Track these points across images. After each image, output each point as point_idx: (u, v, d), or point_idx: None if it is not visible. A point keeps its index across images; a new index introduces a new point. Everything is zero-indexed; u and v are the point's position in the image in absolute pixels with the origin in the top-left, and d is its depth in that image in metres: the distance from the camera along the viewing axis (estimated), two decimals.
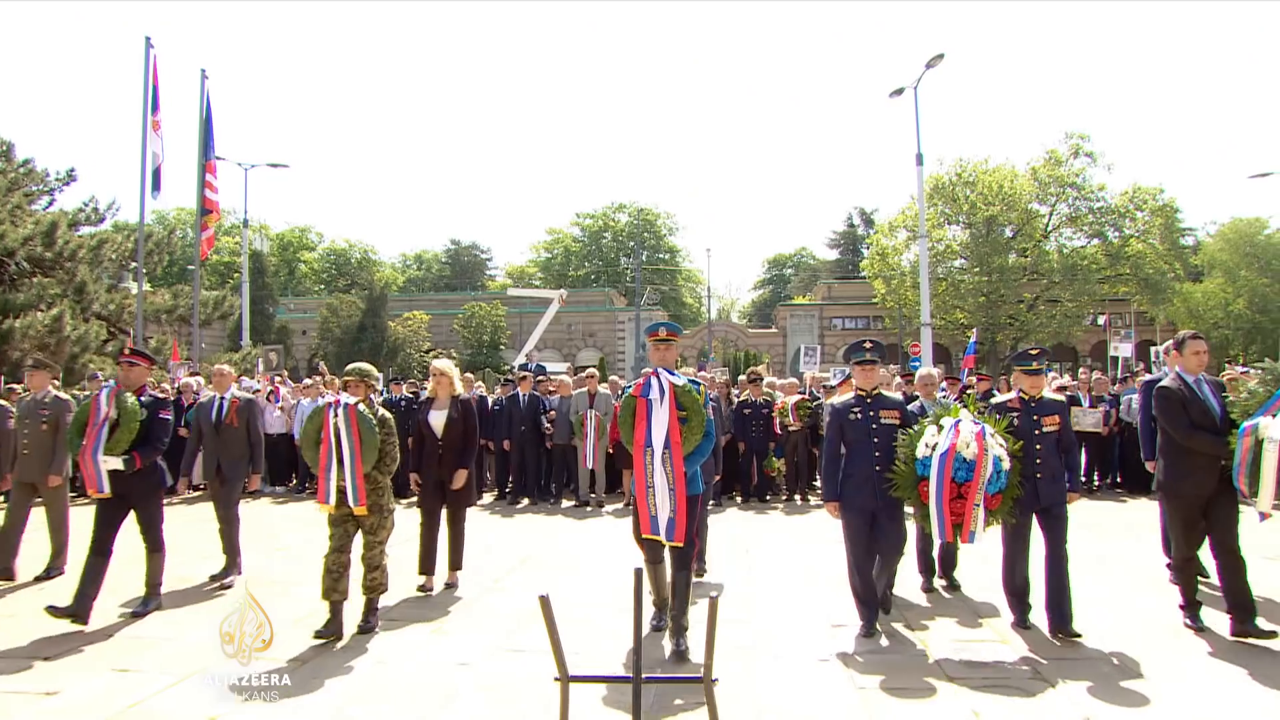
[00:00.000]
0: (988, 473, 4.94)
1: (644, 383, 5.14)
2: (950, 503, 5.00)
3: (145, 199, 13.61)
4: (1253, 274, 44.09)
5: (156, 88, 13.79)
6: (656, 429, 4.97)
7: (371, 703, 4.45)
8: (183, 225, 46.74)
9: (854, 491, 5.45)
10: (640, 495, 5.05)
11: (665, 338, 5.34)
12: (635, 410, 5.10)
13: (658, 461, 4.93)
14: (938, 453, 5.00)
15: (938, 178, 39.80)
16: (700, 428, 5.08)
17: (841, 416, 5.57)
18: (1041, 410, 5.56)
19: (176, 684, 4.68)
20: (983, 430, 5.04)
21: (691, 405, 5.06)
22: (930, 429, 5.19)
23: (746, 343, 52.79)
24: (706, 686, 2.00)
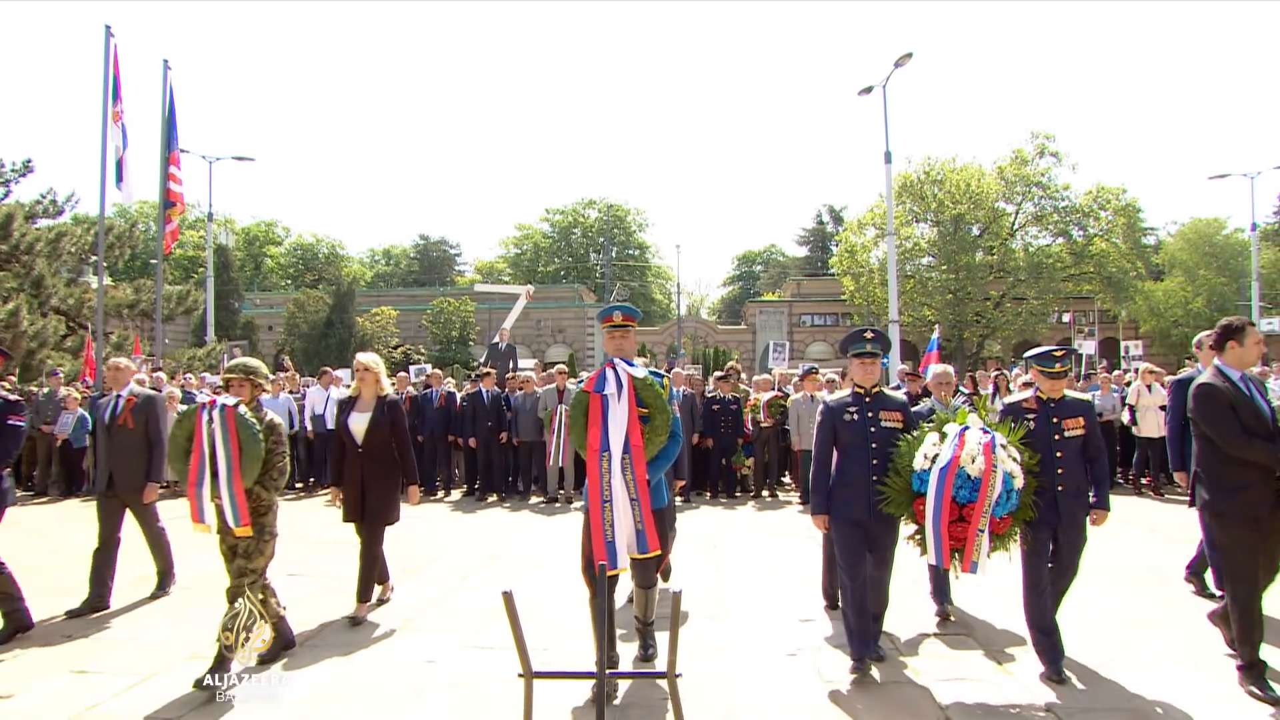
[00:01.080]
0: (995, 493, 4.29)
1: (598, 376, 4.50)
2: (949, 525, 4.36)
3: (106, 191, 13.31)
4: (1211, 273, 44.98)
5: (117, 78, 13.50)
6: (614, 430, 4.35)
7: (339, 700, 4.40)
8: (145, 218, 45.95)
9: (846, 503, 4.73)
10: (594, 513, 4.33)
11: (621, 323, 4.68)
12: (588, 408, 4.46)
13: (615, 469, 4.28)
14: (937, 466, 4.35)
15: (906, 176, 40.15)
16: (665, 427, 4.46)
17: (835, 416, 4.83)
18: (1063, 412, 4.80)
19: (137, 685, 4.61)
20: (992, 441, 4.37)
21: (655, 401, 4.44)
22: (931, 436, 4.50)
23: (716, 339, 52.91)
24: (670, 681, 1.99)
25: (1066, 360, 4.90)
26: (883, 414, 4.79)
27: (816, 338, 51.75)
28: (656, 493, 4.57)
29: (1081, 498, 4.76)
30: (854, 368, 4.90)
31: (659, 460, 4.56)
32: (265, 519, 4.90)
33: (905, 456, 4.55)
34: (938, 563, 4.44)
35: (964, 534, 4.35)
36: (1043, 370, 4.92)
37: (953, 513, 4.36)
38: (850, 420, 4.80)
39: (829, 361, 39.77)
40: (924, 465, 4.43)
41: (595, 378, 4.50)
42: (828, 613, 5.98)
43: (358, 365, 6.04)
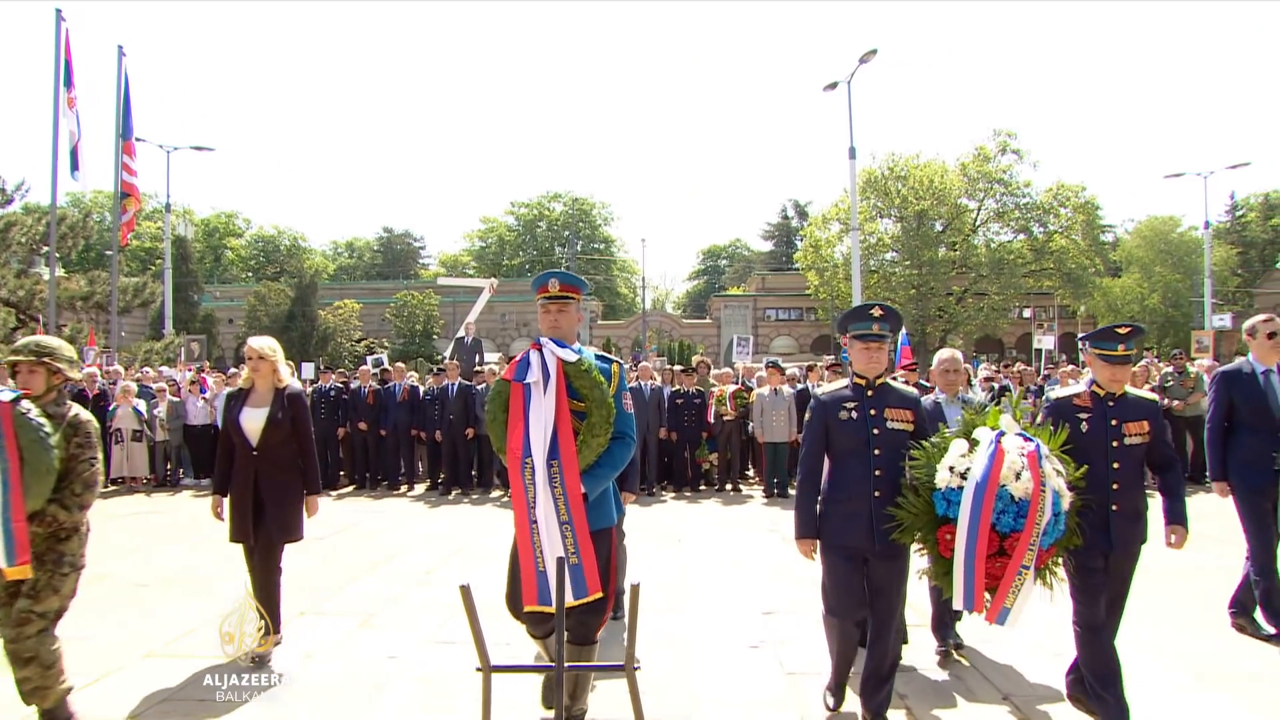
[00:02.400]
0: (1045, 519, 3.29)
1: (519, 360, 3.59)
2: (987, 560, 3.36)
3: (58, 179, 13.03)
4: (1166, 270, 45.95)
5: (70, 63, 13.18)
6: (536, 429, 3.43)
7: (299, 697, 4.35)
8: (99, 208, 44.98)
9: (842, 526, 3.76)
10: (521, 537, 3.46)
11: (559, 294, 3.74)
12: (508, 401, 3.55)
13: (540, 480, 3.39)
14: (972, 483, 3.34)
15: (870, 172, 40.55)
16: (607, 426, 3.54)
17: (828, 414, 3.85)
18: (1124, 413, 3.82)
19: (90, 685, 4.51)
20: (1037, 450, 3.37)
21: (593, 392, 3.53)
22: (958, 444, 3.50)
23: (681, 333, 53.03)
24: (629, 673, 1.99)
25: (1132, 342, 3.83)
26: (889, 412, 3.79)
27: (781, 332, 52.10)
28: (600, 507, 3.62)
29: (1138, 522, 3.83)
30: (855, 353, 3.89)
31: (599, 469, 3.56)
32: (65, 546, 3.78)
33: (925, 470, 3.54)
34: (966, 607, 3.42)
35: (1003, 571, 3.34)
36: (1101, 354, 3.84)
37: (992, 543, 3.34)
38: (848, 420, 3.80)
39: (793, 356, 40.11)
40: (952, 482, 3.41)
41: (516, 362, 3.59)
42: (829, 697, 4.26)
43: (249, 351, 5.05)
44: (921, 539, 3.55)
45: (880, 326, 3.83)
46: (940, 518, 3.47)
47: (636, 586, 1.90)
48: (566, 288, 3.78)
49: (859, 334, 3.87)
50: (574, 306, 3.83)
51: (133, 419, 12.08)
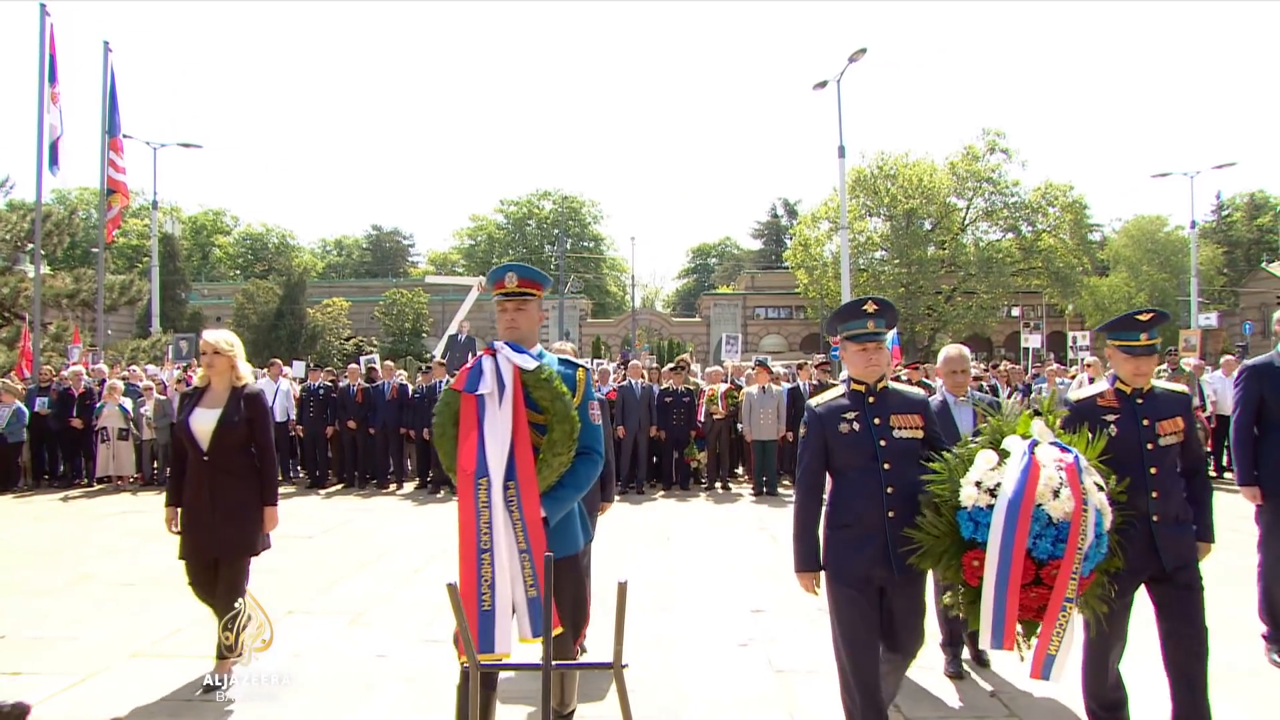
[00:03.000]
0: (1087, 541, 2.85)
1: (470, 368, 3.20)
2: (1021, 590, 2.89)
3: (43, 175, 12.94)
4: (1153, 269, 46.20)
5: (54, 58, 13.09)
6: (492, 445, 3.06)
7: (289, 696, 4.33)
8: (85, 205, 44.71)
9: (851, 553, 3.25)
10: (464, 570, 3.02)
11: (517, 290, 3.32)
12: (458, 414, 3.18)
13: (496, 502, 3.01)
14: (1004, 502, 2.87)
15: (859, 170, 40.66)
16: (570, 442, 3.15)
17: (825, 427, 3.36)
18: (1156, 410, 3.45)
19: (75, 685, 4.48)
20: (1075, 462, 2.93)
21: (555, 404, 3.15)
22: (985, 456, 3.02)
23: (670, 331, 53.06)
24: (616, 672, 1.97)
25: (1155, 329, 3.45)
26: (895, 420, 3.31)
27: (770, 330, 52.18)
28: (563, 532, 3.26)
29: (1186, 529, 3.44)
30: (851, 356, 3.40)
31: (562, 490, 3.18)
32: None
33: (947, 486, 3.05)
34: (994, 644, 2.94)
35: (1040, 603, 2.89)
36: (1122, 346, 3.47)
37: (1028, 572, 2.87)
38: (849, 433, 3.31)
39: (783, 354, 40.20)
40: (980, 500, 2.93)
41: (466, 370, 3.19)
42: None
43: (203, 345, 4.55)
44: (944, 565, 3.05)
45: (876, 323, 3.35)
46: (966, 541, 2.97)
47: (624, 585, 1.90)
48: (526, 283, 3.33)
49: (853, 334, 3.37)
50: (534, 304, 3.38)
51: (119, 418, 12.00)
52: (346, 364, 15.12)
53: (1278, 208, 53.10)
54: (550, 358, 3.36)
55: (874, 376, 3.36)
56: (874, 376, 3.36)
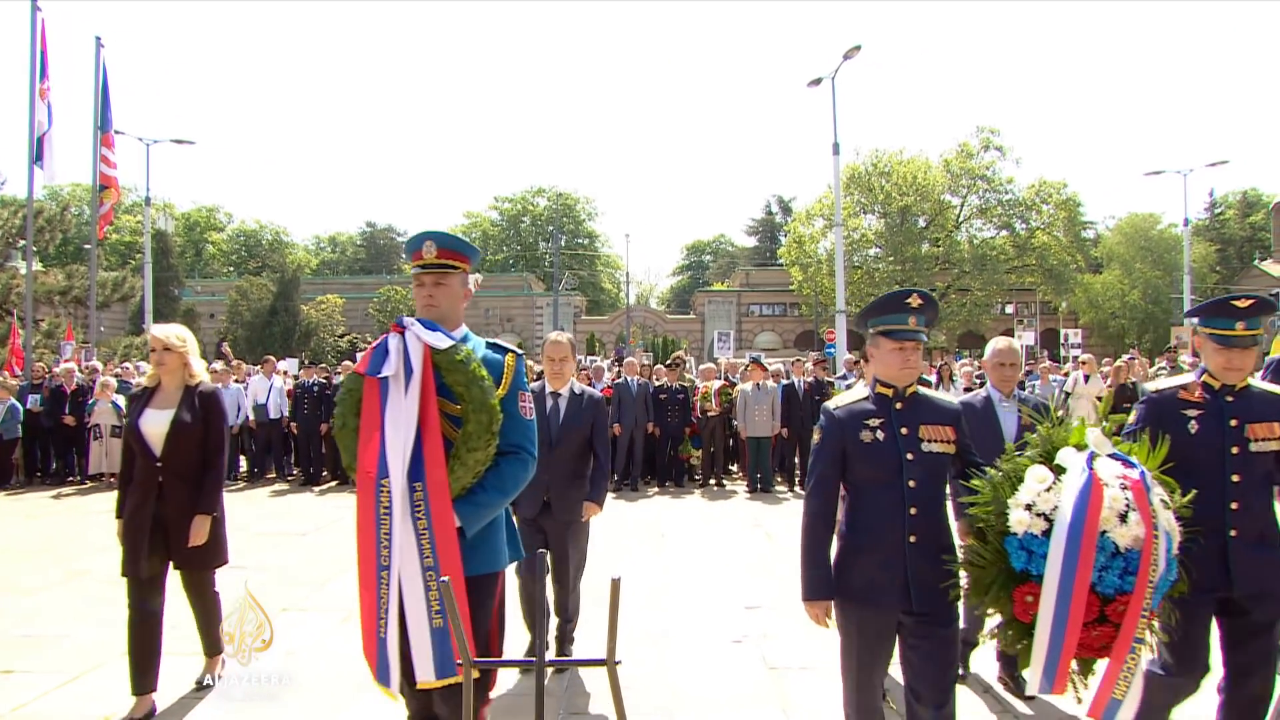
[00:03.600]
0: (1159, 572, 2.42)
1: (375, 347, 2.80)
2: (1083, 629, 2.44)
3: (33, 172, 12.87)
4: (1146, 267, 46.31)
5: (45, 53, 13.04)
6: (394, 439, 2.61)
7: (282, 694, 4.32)
8: (77, 202, 44.51)
9: (867, 581, 2.86)
10: (364, 588, 2.66)
11: (436, 262, 2.87)
12: (360, 403, 2.76)
13: (398, 510, 2.56)
14: (1062, 529, 2.42)
15: (854, 168, 40.63)
16: (488, 436, 2.68)
17: (845, 433, 2.92)
18: (1248, 411, 3.01)
19: (67, 684, 4.47)
20: (1142, 478, 2.48)
21: (470, 390, 2.68)
22: (1036, 474, 2.55)
23: (665, 328, 53.05)
24: (609, 668, 1.97)
25: (1257, 319, 2.99)
26: (925, 431, 2.89)
27: (765, 327, 52.20)
28: (484, 548, 2.76)
29: (1272, 553, 2.96)
30: (885, 354, 2.95)
31: (484, 494, 2.71)
32: None
33: (991, 509, 2.61)
34: (1043, 689, 2.53)
35: (1103, 642, 2.45)
36: (1214, 335, 3.04)
37: (1090, 610, 2.42)
38: (872, 442, 2.88)
39: (777, 351, 40.23)
40: (1033, 527, 2.47)
41: (371, 350, 2.78)
42: None
43: (152, 341, 4.20)
44: (992, 600, 2.60)
45: (917, 320, 2.93)
46: (1020, 573, 2.51)
47: (617, 581, 1.89)
48: (447, 253, 2.88)
49: (890, 329, 2.93)
50: (457, 279, 2.93)
51: (112, 414, 11.96)
52: (340, 361, 15.09)
53: (1270, 206, 53.20)
54: (477, 341, 2.94)
55: (908, 380, 2.94)
56: (908, 380, 2.94)
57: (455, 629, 2.11)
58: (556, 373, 4.75)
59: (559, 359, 4.76)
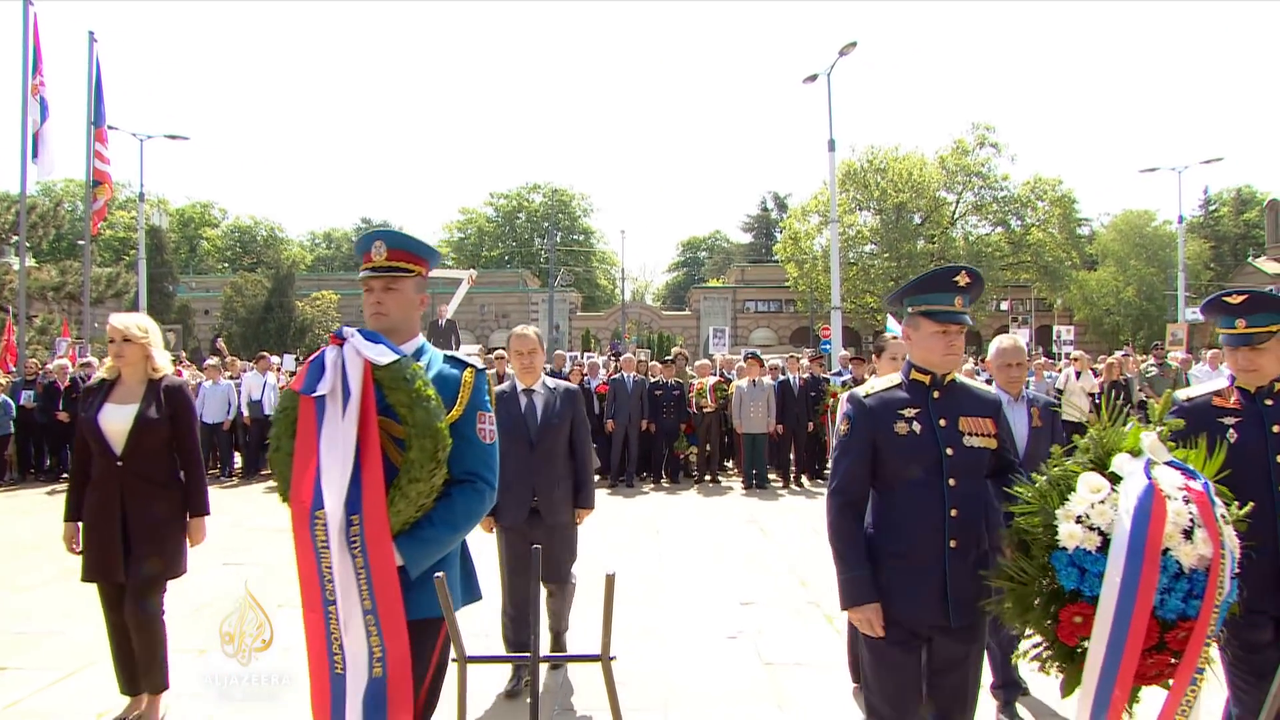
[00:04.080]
0: (1224, 594, 2.18)
1: (310, 363, 2.42)
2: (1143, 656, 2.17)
3: (26, 168, 12.82)
4: (1141, 263, 46.37)
5: (38, 48, 12.99)
6: (330, 465, 2.29)
7: (277, 691, 4.31)
8: (71, 197, 44.38)
9: (898, 594, 2.57)
10: (309, 625, 2.32)
11: (385, 265, 2.55)
12: (296, 423, 2.39)
13: (335, 545, 2.25)
14: (1121, 545, 2.16)
15: (849, 164, 40.64)
16: (433, 464, 2.33)
17: (876, 425, 2.63)
18: None
19: (60, 681, 4.47)
20: (1206, 490, 2.24)
21: (414, 413, 2.32)
22: (1089, 481, 2.28)
23: (660, 325, 53.02)
24: (604, 664, 1.97)
25: (1258, 314, 2.81)
26: (965, 424, 2.63)
27: (760, 324, 52.20)
28: (428, 595, 2.32)
29: None
30: (926, 338, 2.67)
31: (431, 529, 2.36)
32: None
33: (1038, 519, 2.32)
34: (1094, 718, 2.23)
35: (1158, 669, 2.21)
36: (1223, 335, 2.92)
37: (1150, 636, 2.15)
38: (908, 435, 2.60)
39: (772, 348, 40.23)
40: (1086, 543, 2.20)
41: (307, 365, 2.42)
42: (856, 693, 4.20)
43: (111, 331, 3.84)
44: (1034, 621, 2.32)
45: (964, 301, 2.67)
46: (1069, 593, 2.24)
47: (612, 576, 1.89)
48: (399, 254, 2.57)
49: (933, 310, 2.64)
50: (411, 285, 2.60)
51: None
52: None
53: (1264, 203, 53.36)
54: (433, 354, 2.60)
55: (950, 367, 2.67)
56: (950, 367, 2.67)
57: (450, 624, 2.12)
58: (527, 367, 4.49)
59: (527, 352, 4.49)
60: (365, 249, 2.59)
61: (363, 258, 2.60)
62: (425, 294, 2.71)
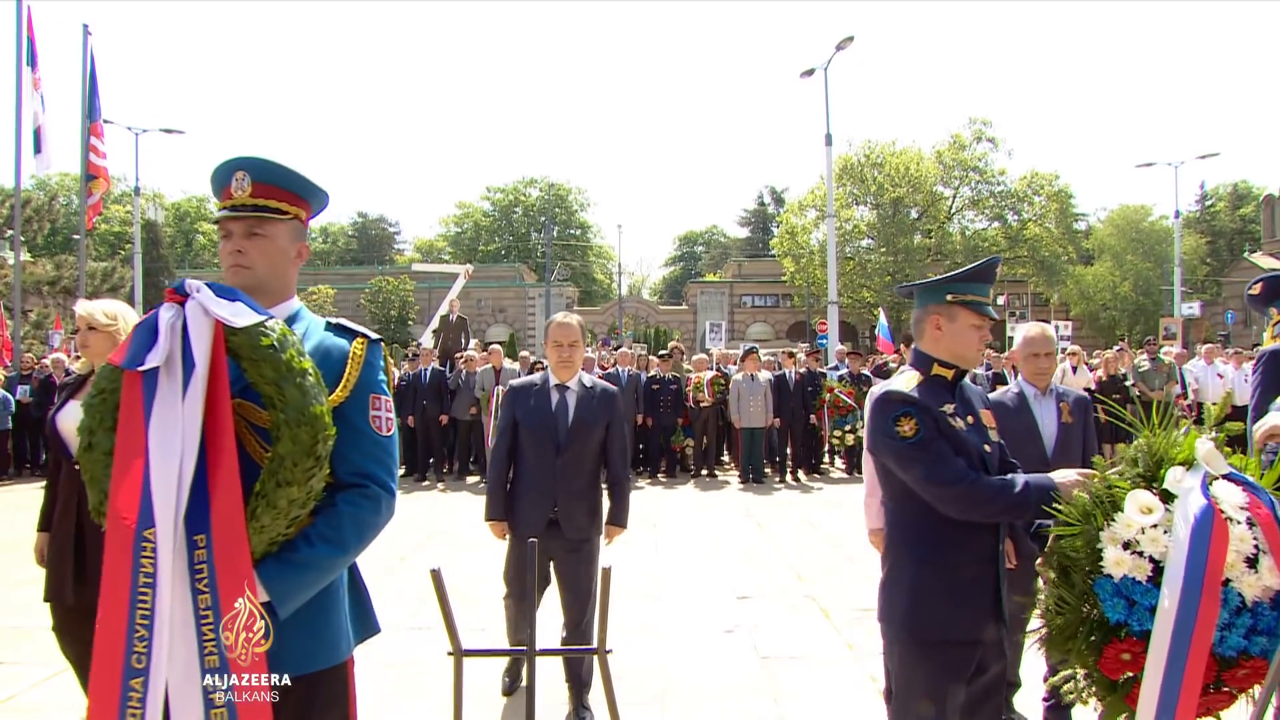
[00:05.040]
0: None
1: (138, 326, 1.76)
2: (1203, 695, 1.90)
3: (21, 162, 12.80)
4: (1137, 258, 46.46)
5: (33, 42, 12.93)
6: (161, 468, 1.62)
7: None
8: (65, 191, 44.22)
9: (955, 605, 2.34)
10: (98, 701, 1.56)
11: (249, 202, 1.95)
12: (118, 407, 1.71)
13: (166, 575, 1.58)
14: (1177, 575, 1.88)
15: (846, 159, 40.64)
16: (309, 459, 1.70)
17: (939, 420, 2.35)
18: None
19: (56, 675, 4.45)
20: (1272, 509, 1.93)
21: (283, 391, 1.70)
22: (1139, 500, 1.98)
23: (657, 319, 53.01)
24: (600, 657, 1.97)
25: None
26: (985, 418, 2.55)
27: (757, 318, 52.21)
28: (304, 638, 1.85)
29: None
30: (962, 329, 2.45)
31: (309, 551, 1.77)
32: None
33: (1081, 541, 2.03)
34: None
35: (1216, 708, 1.95)
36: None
37: (1209, 672, 1.88)
38: (965, 430, 2.40)
39: (769, 342, 40.26)
40: (1134, 571, 1.93)
41: (134, 330, 1.76)
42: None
43: (78, 319, 3.41)
44: (1077, 654, 2.03)
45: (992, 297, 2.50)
46: (1115, 627, 1.97)
47: (608, 570, 1.90)
48: (271, 191, 1.98)
49: (976, 301, 2.46)
50: (284, 230, 2.01)
51: None
52: None
53: (1260, 198, 53.40)
54: (312, 320, 2.01)
55: (976, 364, 2.59)
56: (976, 364, 2.59)
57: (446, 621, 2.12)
58: (565, 361, 3.89)
59: (568, 344, 3.88)
60: (224, 182, 1.98)
61: (221, 194, 2.00)
62: (305, 244, 2.13)
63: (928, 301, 2.51)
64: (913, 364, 2.53)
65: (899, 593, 2.39)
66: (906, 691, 2.38)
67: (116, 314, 3.38)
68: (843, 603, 5.70)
